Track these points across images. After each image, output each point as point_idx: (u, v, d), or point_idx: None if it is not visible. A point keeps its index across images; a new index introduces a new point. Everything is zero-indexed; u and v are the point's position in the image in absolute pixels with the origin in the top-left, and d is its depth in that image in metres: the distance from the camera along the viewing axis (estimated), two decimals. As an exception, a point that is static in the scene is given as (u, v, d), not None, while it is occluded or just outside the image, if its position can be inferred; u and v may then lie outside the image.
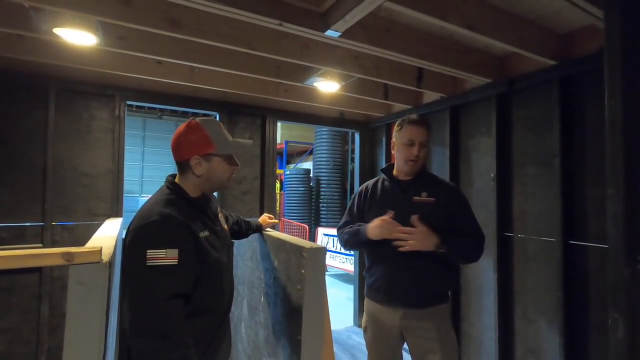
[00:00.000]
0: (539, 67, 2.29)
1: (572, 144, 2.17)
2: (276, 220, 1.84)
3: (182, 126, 1.18)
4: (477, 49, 2.45)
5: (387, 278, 1.60)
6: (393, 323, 1.60)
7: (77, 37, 1.86)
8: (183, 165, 1.17)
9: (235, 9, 1.61)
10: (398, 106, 3.48)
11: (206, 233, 1.15)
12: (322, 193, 8.84)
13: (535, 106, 2.38)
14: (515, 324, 2.45)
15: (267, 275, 1.71)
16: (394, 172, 1.71)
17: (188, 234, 1.08)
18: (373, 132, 4.00)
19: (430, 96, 3.15)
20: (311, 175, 9.27)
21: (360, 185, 3.98)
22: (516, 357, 2.44)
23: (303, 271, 1.37)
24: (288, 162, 11.47)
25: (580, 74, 2.13)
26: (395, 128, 1.66)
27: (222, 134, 1.20)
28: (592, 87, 2.09)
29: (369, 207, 1.72)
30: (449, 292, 1.66)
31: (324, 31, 1.82)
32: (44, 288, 2.54)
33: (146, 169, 16.04)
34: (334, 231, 6.90)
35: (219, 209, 1.34)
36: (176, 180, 1.20)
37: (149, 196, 1.22)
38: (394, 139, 1.68)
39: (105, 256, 0.95)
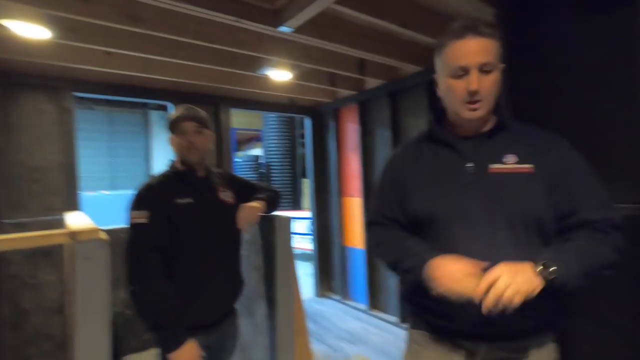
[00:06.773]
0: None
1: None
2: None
3: None
4: (409, 41, 2.79)
5: (458, 305, 0.84)
6: None
7: (30, 30, 1.84)
8: None
9: (195, 7, 1.76)
10: (344, 92, 3.77)
11: (187, 200, 1.31)
12: (273, 178, 9.02)
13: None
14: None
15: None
16: (447, 124, 1.01)
17: (160, 199, 1.27)
18: (322, 116, 4.28)
19: (371, 83, 3.47)
20: (260, 161, 9.38)
21: (314, 169, 4.23)
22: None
23: (273, 238, 1.63)
24: (237, 150, 11.38)
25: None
26: (435, 54, 0.96)
27: (180, 108, 1.39)
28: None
29: (411, 186, 1.00)
30: (560, 323, 0.97)
31: (278, 27, 2.02)
32: (2, 287, 2.48)
33: (116, 164, 14.58)
34: (287, 214, 7.12)
35: (219, 182, 1.47)
36: None
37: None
38: (435, 75, 0.99)
39: (102, 234, 1.07)
